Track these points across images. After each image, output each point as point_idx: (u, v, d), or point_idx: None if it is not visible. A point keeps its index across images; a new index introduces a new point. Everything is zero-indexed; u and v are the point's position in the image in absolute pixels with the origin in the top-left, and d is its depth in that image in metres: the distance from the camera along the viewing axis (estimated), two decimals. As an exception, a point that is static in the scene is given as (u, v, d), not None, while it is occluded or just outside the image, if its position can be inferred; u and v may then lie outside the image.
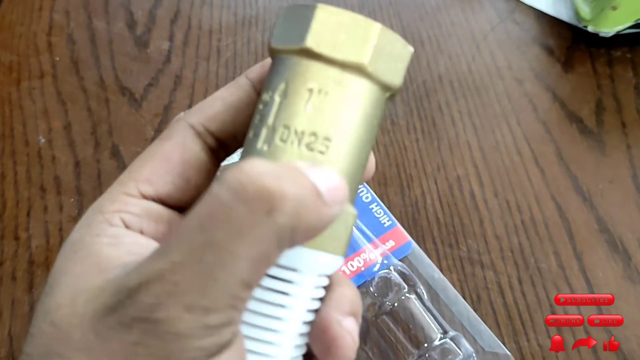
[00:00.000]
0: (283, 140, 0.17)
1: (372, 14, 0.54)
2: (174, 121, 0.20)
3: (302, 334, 0.19)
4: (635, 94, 0.48)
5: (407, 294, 0.35)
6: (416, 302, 0.35)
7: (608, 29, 0.48)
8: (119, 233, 0.17)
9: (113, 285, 0.15)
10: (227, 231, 0.14)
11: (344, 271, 0.37)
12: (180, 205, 0.19)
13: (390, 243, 0.40)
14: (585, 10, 0.50)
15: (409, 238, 0.40)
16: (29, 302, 0.38)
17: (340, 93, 0.18)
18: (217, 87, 0.48)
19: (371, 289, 0.36)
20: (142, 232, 0.18)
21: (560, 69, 0.50)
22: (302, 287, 0.18)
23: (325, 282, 0.19)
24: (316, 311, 0.19)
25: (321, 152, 0.17)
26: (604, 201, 0.42)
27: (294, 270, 0.18)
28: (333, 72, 0.18)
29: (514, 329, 0.37)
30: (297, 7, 0.19)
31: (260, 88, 0.20)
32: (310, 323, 0.19)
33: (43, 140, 0.46)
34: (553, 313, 0.37)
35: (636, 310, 0.37)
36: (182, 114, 0.21)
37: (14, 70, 0.50)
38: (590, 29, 0.49)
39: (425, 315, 0.35)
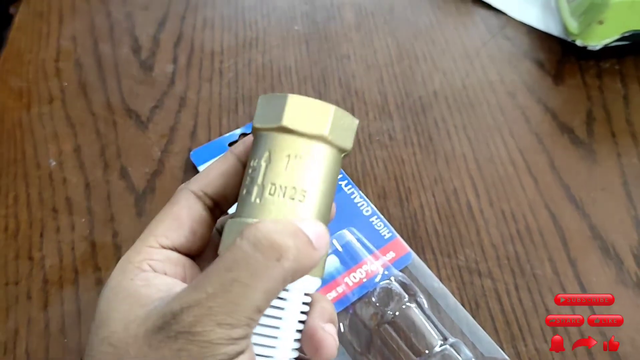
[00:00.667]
0: (271, 194, 0.23)
1: (369, 34, 0.56)
2: (178, 190, 0.26)
3: (296, 340, 0.24)
4: (624, 104, 0.50)
5: (408, 303, 0.37)
6: (417, 310, 0.37)
7: (596, 42, 0.50)
8: (148, 276, 0.22)
9: (157, 312, 0.20)
10: (248, 272, 0.20)
11: (346, 283, 0.39)
12: (189, 251, 0.25)
13: (391, 254, 0.41)
14: (573, 25, 0.51)
15: (409, 249, 0.42)
16: (44, 320, 0.40)
17: (310, 156, 0.24)
18: (220, 108, 0.50)
19: (373, 299, 0.37)
20: (165, 274, 0.23)
21: (551, 81, 0.52)
22: (293, 303, 0.23)
23: (309, 299, 0.24)
24: (304, 322, 0.24)
25: (300, 201, 0.23)
26: (596, 209, 0.44)
27: (286, 290, 0.23)
28: (304, 142, 0.24)
29: (512, 334, 0.38)
30: (272, 96, 0.24)
31: (244, 160, 0.26)
32: (301, 331, 0.24)
33: (54, 163, 0.48)
34: (550, 317, 0.39)
35: (631, 313, 0.39)
36: (184, 184, 0.26)
37: (24, 95, 0.52)
38: (578, 42, 0.51)
39: (426, 323, 0.36)
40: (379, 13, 0.59)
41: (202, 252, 0.26)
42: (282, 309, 0.23)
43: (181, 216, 0.24)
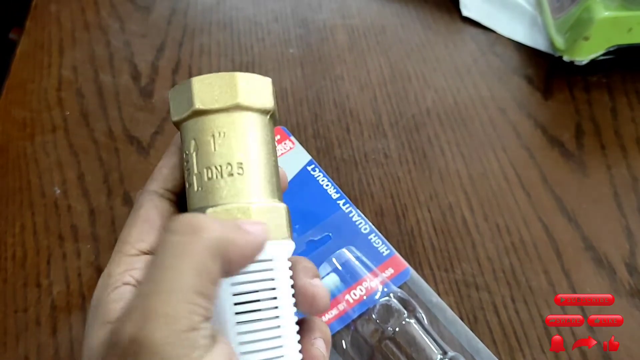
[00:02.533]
0: (209, 178, 0.23)
1: (362, 55, 0.58)
2: (137, 195, 0.26)
3: (292, 304, 0.24)
4: (612, 117, 0.51)
5: (407, 319, 0.38)
6: (416, 326, 0.38)
7: (582, 57, 0.52)
8: (124, 291, 0.22)
9: (111, 329, 0.20)
10: (168, 256, 0.19)
11: (347, 300, 0.40)
12: None
13: (390, 271, 0.42)
14: (559, 41, 0.53)
15: (407, 265, 0.43)
16: (53, 345, 0.41)
17: (233, 128, 0.24)
18: (219, 132, 0.51)
19: (373, 316, 0.38)
20: None
21: (540, 96, 0.54)
22: (281, 267, 0.24)
23: (289, 263, 0.25)
24: (292, 286, 0.25)
25: (240, 174, 0.23)
26: (588, 220, 0.45)
27: (270, 260, 0.23)
28: (222, 117, 0.23)
29: (510, 345, 0.39)
30: (178, 86, 0.24)
31: None
32: (293, 294, 0.25)
33: (58, 191, 0.49)
34: (546, 329, 0.40)
35: (625, 321, 0.40)
36: (141, 189, 0.27)
37: (27, 125, 0.54)
38: (565, 58, 0.53)
39: (426, 338, 0.37)
40: (371, 34, 0.60)
41: None
42: (273, 279, 0.23)
43: (150, 217, 0.24)
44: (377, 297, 0.40)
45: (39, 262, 0.45)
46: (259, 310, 0.23)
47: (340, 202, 0.46)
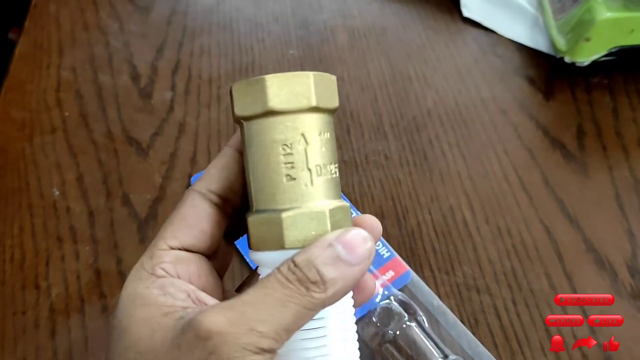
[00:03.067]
0: (319, 175, 0.23)
1: (362, 55, 0.58)
2: (184, 193, 0.26)
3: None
4: (613, 118, 0.51)
5: (408, 322, 0.38)
6: (417, 329, 0.38)
7: (584, 58, 0.51)
8: (164, 283, 0.23)
9: (187, 320, 0.21)
10: (283, 294, 0.21)
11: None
12: (200, 249, 0.25)
13: (390, 273, 0.42)
14: (561, 42, 0.53)
15: (408, 268, 0.42)
16: (52, 348, 0.40)
17: (331, 129, 0.24)
18: (219, 133, 0.51)
19: (374, 319, 0.38)
20: (178, 275, 0.24)
21: (542, 97, 0.53)
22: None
23: None
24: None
25: (334, 175, 0.24)
26: (589, 222, 0.45)
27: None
28: (326, 117, 0.24)
29: (511, 349, 0.39)
30: (288, 75, 0.23)
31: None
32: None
33: (57, 193, 0.49)
34: (547, 332, 0.40)
35: (627, 323, 0.39)
36: (190, 187, 0.27)
37: (26, 126, 0.53)
38: (567, 59, 0.52)
39: (426, 342, 0.37)
40: (371, 34, 0.60)
41: (215, 249, 0.26)
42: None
43: (188, 216, 0.25)
44: (377, 300, 0.40)
45: (37, 263, 0.45)
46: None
47: (341, 204, 0.46)
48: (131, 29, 0.61)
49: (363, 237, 0.23)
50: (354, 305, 0.26)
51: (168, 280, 0.23)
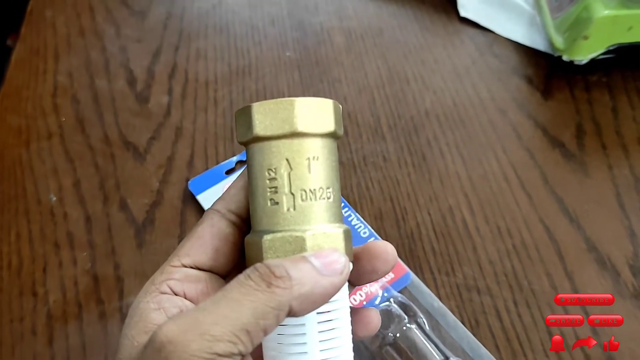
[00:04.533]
0: (303, 200, 0.23)
1: (359, 57, 0.57)
2: (205, 211, 0.27)
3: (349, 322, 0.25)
4: (613, 116, 0.51)
5: (408, 324, 0.37)
6: (417, 331, 0.37)
7: (582, 57, 0.51)
8: (162, 299, 0.23)
9: (149, 336, 0.21)
10: (239, 292, 0.21)
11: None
12: (212, 268, 0.26)
13: (390, 275, 0.42)
14: (558, 41, 0.53)
15: (407, 269, 0.42)
16: (49, 355, 0.40)
17: (324, 153, 0.24)
18: (215, 136, 0.51)
19: (374, 321, 0.38)
20: (184, 294, 0.24)
21: (540, 96, 0.53)
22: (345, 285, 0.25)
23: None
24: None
25: (328, 198, 0.24)
26: (590, 221, 0.44)
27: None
28: (319, 141, 0.24)
29: (513, 350, 0.39)
30: (271, 103, 0.23)
31: None
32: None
33: (54, 198, 0.48)
34: (549, 333, 0.39)
35: (629, 323, 0.39)
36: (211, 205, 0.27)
37: (23, 132, 0.53)
38: (565, 58, 0.52)
39: (427, 344, 0.37)
40: (368, 36, 0.60)
41: (230, 268, 0.26)
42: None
43: (204, 235, 0.25)
44: (377, 302, 0.39)
45: (34, 270, 0.44)
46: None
47: (339, 206, 0.46)
48: (127, 33, 0.61)
49: (338, 254, 0.23)
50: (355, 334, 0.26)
51: (166, 296, 0.24)
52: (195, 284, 0.25)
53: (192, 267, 0.25)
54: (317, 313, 0.23)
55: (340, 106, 0.26)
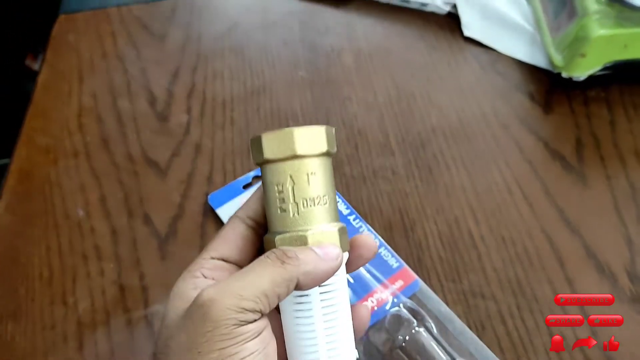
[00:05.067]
0: (305, 207, 0.29)
1: (368, 76, 0.60)
2: (229, 217, 0.32)
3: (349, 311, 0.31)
4: (611, 129, 0.53)
5: (417, 328, 0.40)
6: (426, 334, 0.40)
7: (580, 73, 0.54)
8: (197, 282, 0.29)
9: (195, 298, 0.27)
10: (260, 266, 0.28)
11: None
12: (235, 260, 0.31)
13: (399, 283, 0.44)
14: (558, 59, 0.55)
15: (416, 277, 0.44)
16: (80, 360, 0.43)
17: (321, 169, 0.30)
18: (233, 153, 0.54)
19: (385, 325, 0.40)
20: (213, 277, 0.30)
21: (541, 111, 0.56)
22: (341, 273, 0.30)
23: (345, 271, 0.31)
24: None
25: (325, 204, 0.30)
26: (589, 230, 0.47)
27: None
28: (315, 160, 0.30)
29: (517, 353, 0.41)
30: (276, 133, 0.29)
31: None
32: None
33: (82, 213, 0.51)
34: (551, 335, 0.41)
35: (628, 327, 0.41)
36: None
37: (50, 151, 0.56)
38: (564, 74, 0.55)
39: (435, 346, 0.39)
40: (376, 56, 0.63)
41: (249, 262, 0.31)
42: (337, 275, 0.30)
43: (227, 235, 0.31)
44: (387, 307, 0.42)
45: (64, 281, 0.47)
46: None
47: (351, 218, 0.48)
48: (147, 56, 0.64)
49: (334, 246, 0.29)
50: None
51: (201, 280, 0.30)
52: (222, 272, 0.30)
53: (218, 259, 0.31)
54: (320, 290, 0.29)
55: (333, 129, 0.31)
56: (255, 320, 0.27)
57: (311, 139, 0.29)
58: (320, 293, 0.29)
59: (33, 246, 0.49)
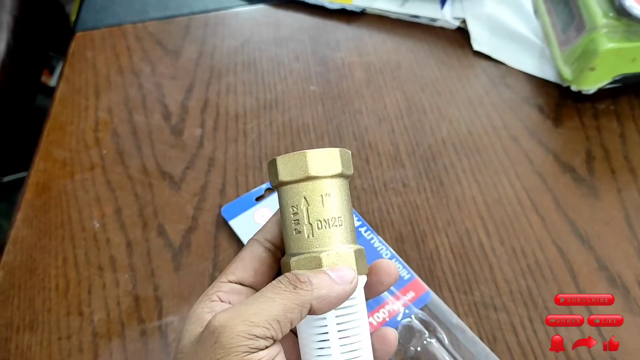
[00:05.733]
0: (319, 228, 0.30)
1: (379, 89, 0.61)
2: (248, 240, 0.33)
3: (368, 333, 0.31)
4: (621, 142, 0.54)
5: (428, 339, 0.40)
6: (437, 345, 0.40)
7: (589, 87, 0.54)
8: (213, 305, 0.30)
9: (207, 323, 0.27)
10: (272, 292, 0.27)
11: (371, 323, 0.42)
12: (253, 285, 0.32)
13: (411, 294, 0.44)
14: (567, 72, 0.56)
15: (428, 288, 0.45)
16: (96, 370, 0.43)
17: (335, 190, 0.30)
18: (246, 166, 0.55)
19: (396, 336, 0.40)
20: (229, 302, 0.30)
21: (551, 124, 0.56)
22: (359, 296, 0.30)
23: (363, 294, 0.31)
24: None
25: (340, 225, 0.30)
26: (601, 242, 0.47)
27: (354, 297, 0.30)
28: (328, 182, 0.30)
29: (529, 364, 0.41)
30: (289, 156, 0.30)
31: None
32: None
33: (97, 225, 0.52)
34: (550, 317, 0.42)
35: (627, 322, 0.41)
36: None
37: (67, 164, 0.57)
38: (573, 88, 0.55)
39: (447, 358, 0.39)
40: (387, 70, 0.63)
41: (266, 284, 0.32)
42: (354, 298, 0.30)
43: (245, 258, 0.32)
44: (399, 319, 0.42)
45: (80, 292, 0.48)
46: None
47: (362, 230, 0.49)
48: (162, 71, 0.66)
49: (349, 268, 0.29)
50: (378, 357, 0.31)
51: (217, 303, 0.30)
52: (238, 296, 0.31)
53: (235, 283, 0.31)
54: (336, 314, 0.29)
55: (349, 152, 0.32)
56: (267, 347, 0.26)
57: (325, 161, 0.30)
58: (337, 316, 0.29)
59: (50, 258, 0.50)
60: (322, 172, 0.30)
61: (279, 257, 0.32)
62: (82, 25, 0.74)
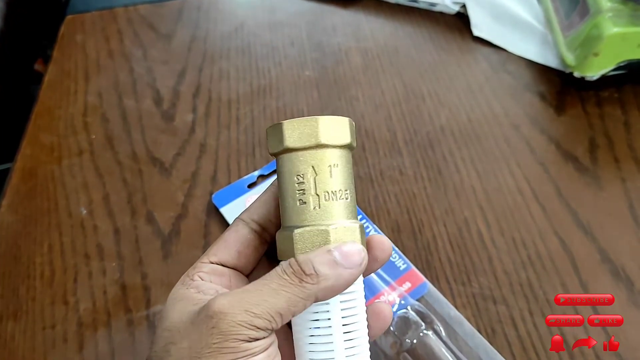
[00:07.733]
0: (327, 200, 0.28)
1: (376, 75, 0.59)
2: (233, 220, 0.31)
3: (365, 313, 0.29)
4: (625, 130, 0.52)
5: (425, 331, 0.38)
6: (434, 338, 0.38)
7: (593, 73, 0.52)
8: (198, 284, 0.28)
9: (201, 305, 0.26)
10: (277, 282, 0.26)
11: (365, 314, 0.41)
12: (236, 267, 0.30)
13: (407, 285, 0.43)
14: (570, 58, 0.54)
15: (424, 279, 0.43)
16: (80, 361, 0.42)
17: (342, 161, 0.28)
18: (238, 152, 0.53)
19: (392, 328, 0.39)
20: (211, 281, 0.29)
21: (553, 112, 0.54)
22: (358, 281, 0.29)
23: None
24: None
25: (347, 198, 0.28)
26: (604, 233, 0.45)
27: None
28: (337, 152, 0.28)
29: (529, 358, 0.40)
30: (299, 121, 0.28)
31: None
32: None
33: (85, 212, 0.51)
34: (550, 317, 0.40)
35: (627, 322, 0.40)
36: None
37: (55, 149, 0.56)
38: (576, 74, 0.53)
39: (444, 350, 0.38)
40: (384, 55, 0.62)
41: (252, 267, 0.31)
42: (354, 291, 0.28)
43: (229, 239, 0.30)
44: (394, 310, 0.41)
45: (66, 280, 0.46)
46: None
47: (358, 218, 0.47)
48: (154, 55, 0.64)
49: (358, 249, 0.27)
50: (372, 334, 0.30)
51: (202, 282, 0.29)
52: (220, 277, 0.29)
53: (217, 264, 0.30)
54: (341, 299, 0.28)
55: (354, 123, 0.30)
56: (264, 337, 0.26)
57: (335, 129, 0.28)
58: (341, 302, 0.28)
59: (35, 245, 0.49)
60: (332, 141, 0.28)
61: (266, 239, 0.31)
62: (72, 8, 0.72)
